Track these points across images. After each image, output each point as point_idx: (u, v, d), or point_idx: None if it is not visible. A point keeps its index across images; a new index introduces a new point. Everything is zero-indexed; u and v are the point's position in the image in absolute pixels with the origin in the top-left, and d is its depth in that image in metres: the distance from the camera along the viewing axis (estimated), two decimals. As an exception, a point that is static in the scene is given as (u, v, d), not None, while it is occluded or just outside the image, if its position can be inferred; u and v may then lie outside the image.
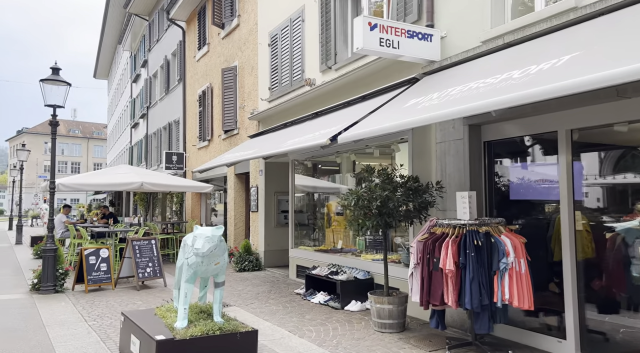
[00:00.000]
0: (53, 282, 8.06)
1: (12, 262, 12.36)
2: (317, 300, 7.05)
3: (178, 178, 13.22)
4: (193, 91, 15.88)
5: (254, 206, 11.25)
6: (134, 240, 8.89)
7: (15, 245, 17.42)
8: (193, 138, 15.94)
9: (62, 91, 8.39)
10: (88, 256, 8.42)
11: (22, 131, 75.80)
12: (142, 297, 7.82)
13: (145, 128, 22.67)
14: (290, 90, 9.46)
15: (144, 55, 23.05)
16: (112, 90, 39.79)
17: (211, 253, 4.23)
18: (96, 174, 12.52)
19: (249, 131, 11.50)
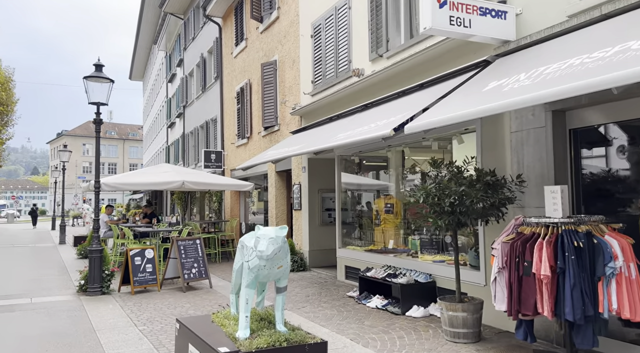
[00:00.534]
0: (99, 284, 7.91)
1: (57, 262, 12.44)
2: (374, 305, 6.58)
3: (218, 177, 13.01)
4: (230, 88, 15.66)
5: (297, 204, 10.88)
6: (178, 240, 8.66)
7: (59, 245, 17.71)
8: (231, 136, 15.73)
9: (105, 88, 8.23)
10: (133, 257, 8.23)
11: (62, 133, 78.53)
12: (189, 299, 7.55)
13: (182, 127, 22.72)
14: (336, 82, 9.02)
15: (179, 54, 23.11)
16: (148, 91, 40.42)
17: (275, 256, 3.84)
18: (138, 173, 12.45)
19: (290, 127, 11.14)
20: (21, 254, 14.62)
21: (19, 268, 11.32)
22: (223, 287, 8.63)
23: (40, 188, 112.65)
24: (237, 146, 15.06)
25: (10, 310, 6.77)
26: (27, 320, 6.26)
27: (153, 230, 10.36)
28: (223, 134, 16.56)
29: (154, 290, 8.27)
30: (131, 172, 13.20)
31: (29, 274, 10.20)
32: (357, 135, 5.81)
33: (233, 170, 15.60)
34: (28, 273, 10.39)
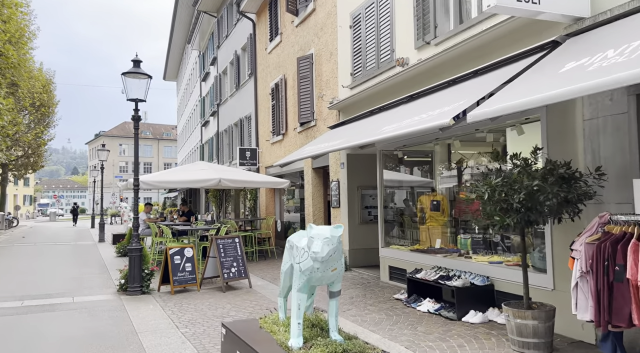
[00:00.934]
0: (139, 283, 7.79)
1: (97, 260, 12.54)
2: (425, 308, 6.16)
3: (254, 174, 12.81)
4: (265, 85, 15.46)
5: (335, 202, 10.52)
6: (217, 239, 8.46)
7: (99, 243, 18.00)
8: (266, 133, 15.53)
9: (143, 85, 8.11)
10: (173, 256, 8.08)
11: (100, 134, 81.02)
12: (230, 299, 7.33)
13: (216, 125, 22.76)
14: (377, 73, 8.60)
15: (212, 53, 23.14)
16: (181, 90, 40.96)
17: (330, 258, 3.49)
18: (175, 171, 12.39)
19: (327, 122, 10.79)
20: (63, 252, 14.89)
21: (61, 266, 11.44)
22: (262, 287, 8.38)
23: (79, 187, 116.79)
24: (272, 143, 14.83)
25: (52, 309, 6.71)
26: (69, 320, 6.16)
27: (191, 228, 10.22)
28: (257, 131, 16.38)
29: (194, 290, 8.10)
30: (169, 170, 13.17)
31: (70, 272, 10.26)
32: (408, 126, 5.39)
33: (268, 167, 15.40)
34: (70, 271, 10.46)
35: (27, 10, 20.40)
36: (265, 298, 7.46)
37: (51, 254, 14.22)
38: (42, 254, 14.24)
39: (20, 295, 7.64)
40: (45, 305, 6.95)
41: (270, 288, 8.30)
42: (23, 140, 27.16)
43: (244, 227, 13.47)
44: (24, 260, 12.66)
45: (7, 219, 30.11)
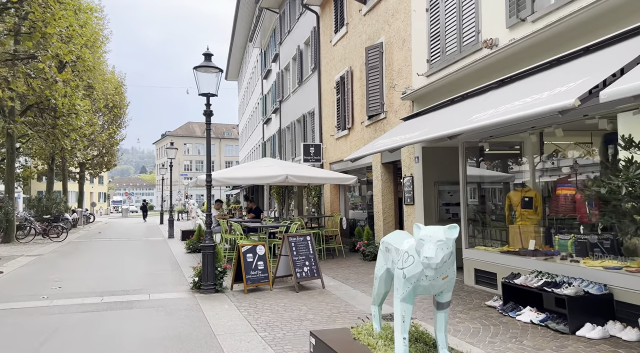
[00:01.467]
0: (213, 281, 7.64)
1: (168, 256, 12.75)
2: (527, 319, 5.44)
3: (321, 170, 12.47)
4: (329, 78, 15.06)
5: (408, 198, 9.90)
6: (289, 237, 8.15)
7: (168, 239, 18.49)
8: (330, 128, 15.15)
9: (214, 78, 7.94)
10: (245, 253, 7.86)
11: (166, 134, 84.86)
12: (304, 301, 6.97)
13: (278, 122, 22.73)
14: (459, 58, 7.89)
15: (274, 50, 23.12)
16: (243, 89, 41.69)
17: (443, 264, 2.97)
18: (242, 168, 12.31)
19: (399, 114, 10.18)
20: (136, 248, 15.37)
21: (135, 261, 11.70)
22: (336, 288, 7.96)
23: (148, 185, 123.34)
24: (337, 138, 14.41)
25: (130, 306, 6.68)
26: (147, 318, 6.07)
27: (261, 225, 10.01)
28: (321, 127, 16.04)
29: (266, 289, 7.85)
30: (236, 167, 13.14)
31: (144, 268, 10.42)
32: (509, 112, 4.72)
33: (332, 163, 15.02)
34: (144, 267, 10.64)
35: (100, 15, 21.39)
36: (341, 300, 7.03)
37: (125, 250, 14.71)
38: (117, 249, 14.76)
39: (100, 291, 7.75)
40: (123, 302, 6.95)
41: (344, 289, 7.87)
42: (98, 140, 28.68)
43: (310, 225, 13.16)
44: (101, 256, 13.13)
45: (85, 215, 32.02)
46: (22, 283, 8.49)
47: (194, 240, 13.58)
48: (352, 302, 6.90)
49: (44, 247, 15.27)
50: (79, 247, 15.55)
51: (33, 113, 18.69)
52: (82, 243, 16.80)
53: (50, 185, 24.50)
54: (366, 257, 10.99)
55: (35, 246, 15.39)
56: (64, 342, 5.05)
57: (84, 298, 7.16)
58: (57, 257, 12.49)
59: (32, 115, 19.10)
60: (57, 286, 8.13)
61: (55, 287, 8.04)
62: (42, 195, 22.53)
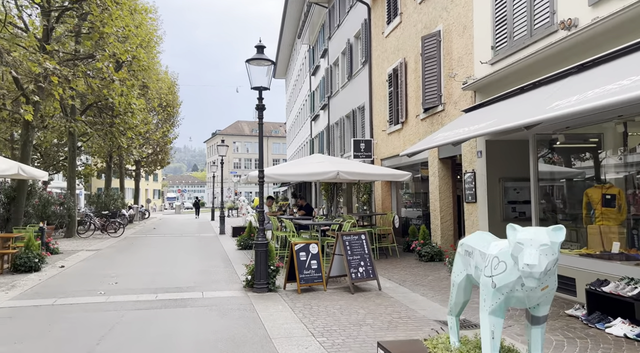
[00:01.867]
0: (266, 280, 7.43)
1: (220, 253, 12.76)
2: (620, 332, 4.79)
3: (373, 166, 12.03)
4: (381, 71, 14.56)
5: (470, 196, 9.27)
6: (344, 235, 7.80)
7: (220, 235, 18.68)
8: (381, 123, 14.65)
9: (265, 72, 7.71)
10: (298, 252, 7.59)
11: (216, 133, 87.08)
12: (361, 303, 6.59)
13: (327, 119, 22.44)
14: (529, 42, 7.20)
15: (323, 45, 22.83)
16: (290, 87, 41.81)
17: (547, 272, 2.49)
18: (293, 164, 12.09)
19: (459, 105, 9.56)
20: (189, 244, 15.57)
21: (188, 258, 11.77)
22: (392, 290, 7.53)
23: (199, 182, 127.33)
24: (389, 133, 13.89)
25: (184, 305, 6.57)
26: (200, 318, 5.91)
27: (313, 222, 9.72)
28: (372, 122, 15.56)
29: (320, 289, 7.54)
30: (286, 163, 12.96)
31: (197, 265, 10.41)
32: (605, 96, 4.11)
33: (384, 159, 14.51)
34: (197, 264, 10.64)
35: (154, 16, 21.92)
36: (400, 303, 6.60)
37: (178, 246, 14.92)
38: (170, 245, 15.00)
39: (154, 288, 7.73)
40: (177, 300, 6.86)
41: (402, 291, 7.42)
42: (152, 139, 29.60)
43: (362, 223, 12.75)
44: (156, 251, 13.35)
45: (141, 211, 33.22)
46: (81, 278, 8.66)
47: (245, 237, 13.54)
48: (412, 306, 6.45)
49: (102, 241, 15.79)
50: (134, 242, 15.97)
51: (92, 112, 19.43)
52: (137, 239, 17.27)
53: (108, 182, 25.51)
54: (422, 258, 10.45)
55: (94, 241, 15.95)
56: (120, 341, 4.95)
57: (139, 295, 7.14)
58: (114, 252, 12.81)
59: (92, 115, 19.88)
60: (114, 282, 8.21)
61: (112, 283, 8.12)
62: (101, 192, 23.49)
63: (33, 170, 10.08)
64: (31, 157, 25.68)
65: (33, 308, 6.32)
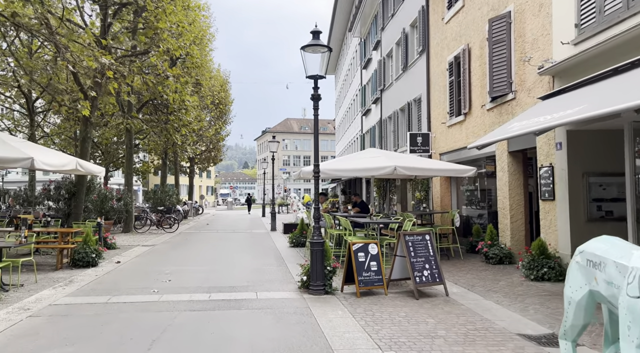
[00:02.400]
0: (322, 281, 6.94)
1: (272, 250, 12.46)
2: None
3: (433, 161, 11.25)
4: (440, 60, 13.69)
5: (547, 193, 8.34)
6: (406, 235, 7.17)
7: (271, 232, 18.49)
8: (440, 115, 13.78)
9: (319, 59, 7.21)
10: (356, 252, 7.05)
11: (266, 131, 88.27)
12: (429, 311, 5.95)
13: (379, 113, 21.71)
14: (626, 16, 6.24)
15: (375, 37, 22.10)
16: (340, 82, 41.25)
17: None
18: (347, 160, 11.53)
19: (533, 93, 8.64)
20: (241, 240, 15.44)
21: (241, 255, 11.54)
22: (461, 296, 6.82)
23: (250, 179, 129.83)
24: (449, 126, 13.02)
25: (238, 306, 6.20)
26: (255, 322, 5.51)
27: (371, 221, 9.12)
28: (429, 114, 14.71)
29: (380, 293, 6.96)
30: (340, 158, 12.43)
31: (250, 263, 10.13)
32: None
33: (443, 154, 13.65)
34: (250, 261, 10.36)
35: (207, 13, 22.08)
36: (473, 312, 5.90)
37: (231, 242, 14.81)
38: (223, 241, 14.93)
39: (208, 287, 7.45)
40: (231, 301, 6.52)
41: (472, 298, 6.69)
42: (205, 136, 30.05)
43: (420, 221, 12.01)
44: (209, 247, 13.26)
45: (195, 207, 33.93)
46: (136, 274, 8.57)
47: (297, 234, 13.19)
48: (487, 315, 5.74)
49: (158, 237, 15.99)
50: (188, 237, 16.06)
51: (148, 110, 19.82)
52: (191, 234, 17.40)
53: (164, 178, 26.10)
54: (489, 260, 9.59)
55: (150, 236, 16.20)
56: (173, 346, 4.63)
57: (192, 294, 6.87)
58: (168, 248, 12.84)
59: (148, 112, 20.30)
60: (167, 279, 8.04)
61: (166, 280, 7.94)
62: (157, 188, 24.05)
63: (90, 165, 10.18)
64: (93, 154, 26.91)
65: (87, 306, 6.19)
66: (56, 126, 23.20)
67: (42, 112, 21.67)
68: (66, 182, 13.25)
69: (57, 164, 8.52)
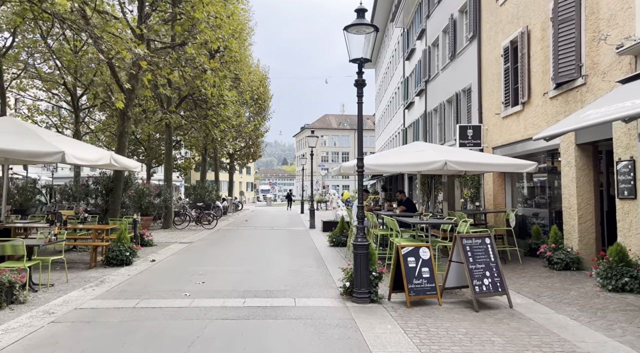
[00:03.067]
0: (367, 288, 6.24)
1: (311, 249, 11.85)
2: None
3: (487, 155, 10.24)
4: (493, 46, 12.60)
5: (626, 190, 7.24)
6: (463, 238, 6.33)
7: (310, 230, 17.92)
8: (493, 106, 12.70)
9: (364, 41, 6.47)
10: (406, 257, 6.29)
11: (304, 127, 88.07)
12: (491, 326, 5.13)
13: (423, 105, 20.65)
14: None
15: (420, 25, 21.03)
16: (380, 76, 40.14)
17: None
18: (392, 154, 10.71)
19: (609, 76, 7.54)
20: (279, 238, 14.93)
21: (278, 254, 10.99)
22: (528, 309, 5.93)
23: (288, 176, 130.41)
24: (504, 117, 11.94)
25: (275, 316, 5.59)
26: (293, 336, 4.88)
27: (420, 221, 8.28)
28: (480, 105, 13.64)
29: (433, 303, 6.18)
30: (384, 153, 11.62)
31: (288, 263, 9.55)
32: None
33: (496, 147, 12.57)
34: (288, 262, 9.79)
35: (246, 7, 21.71)
36: (545, 329, 5.03)
37: (269, 239, 14.34)
38: (261, 239, 14.47)
39: (243, 290, 6.91)
40: (267, 308, 5.92)
41: (540, 311, 5.80)
42: (245, 132, 29.88)
43: (474, 221, 11.03)
44: (246, 246, 12.82)
45: (234, 203, 33.93)
46: (169, 275, 8.16)
47: (337, 233, 12.52)
48: (564, 335, 4.86)
49: (196, 233, 15.75)
50: (226, 235, 15.72)
51: (187, 105, 19.67)
52: (229, 231, 17.08)
53: (203, 174, 26.07)
54: (554, 266, 8.55)
55: (188, 233, 15.98)
56: (198, 363, 4.06)
57: (225, 300, 6.33)
58: (205, 246, 12.48)
59: (187, 108, 20.16)
60: (201, 281, 7.56)
61: (199, 282, 7.46)
62: (196, 184, 24.01)
63: (126, 160, 9.89)
64: (137, 151, 27.31)
65: (114, 310, 5.75)
66: (101, 123, 23.58)
67: (86, 108, 22.02)
68: (104, 178, 13.14)
69: (91, 158, 8.22)
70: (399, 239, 8.10)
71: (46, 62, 18.92)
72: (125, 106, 12.13)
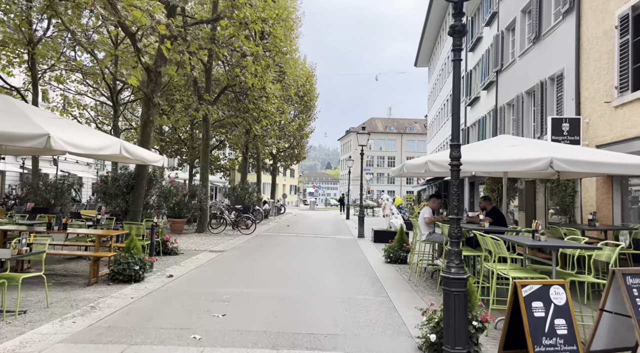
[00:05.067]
0: (465, 344, 3.99)
1: (364, 266, 9.66)
2: None
3: (610, 153, 7.68)
4: (601, 18, 9.96)
5: None
6: (627, 275, 3.95)
7: (358, 239, 15.72)
8: (598, 93, 10.04)
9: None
10: (530, 300, 4.00)
11: (350, 130, 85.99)
12: None
13: (493, 99, 17.97)
14: None
15: (490, 9, 18.39)
16: (435, 74, 37.34)
17: None
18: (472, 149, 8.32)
19: None
20: (324, 249, 12.82)
21: (323, 272, 8.86)
22: None
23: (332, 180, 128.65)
24: (617, 106, 9.28)
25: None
26: None
27: (537, 243, 5.66)
28: (579, 93, 10.97)
29: (574, 378, 3.82)
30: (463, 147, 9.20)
31: (337, 287, 7.40)
32: None
33: (602, 145, 9.90)
34: (336, 284, 7.64)
35: (293, -6, 19.92)
36: None
37: (312, 250, 12.27)
38: (303, 249, 12.42)
39: (275, 332, 4.83)
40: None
41: None
42: (288, 130, 28.10)
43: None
44: (285, 258, 10.79)
45: (277, 206, 32.22)
46: (182, 300, 6.20)
47: (395, 247, 10.24)
48: None
49: (231, 239, 13.93)
50: (264, 242, 13.79)
51: (226, 98, 18.04)
52: (268, 238, 15.16)
53: (244, 174, 24.46)
54: None
55: (223, 238, 14.20)
56: None
57: (249, 351, 4.27)
58: (237, 257, 10.53)
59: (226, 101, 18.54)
60: (222, 313, 5.54)
61: (219, 315, 5.45)
62: (236, 185, 22.37)
63: (142, 151, 8.10)
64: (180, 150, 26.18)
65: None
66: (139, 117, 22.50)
67: (125, 103, 20.97)
68: (125, 174, 11.51)
69: (90, 146, 6.41)
70: (517, 271, 5.67)
71: (82, 51, 17.82)
72: (151, 91, 10.45)
